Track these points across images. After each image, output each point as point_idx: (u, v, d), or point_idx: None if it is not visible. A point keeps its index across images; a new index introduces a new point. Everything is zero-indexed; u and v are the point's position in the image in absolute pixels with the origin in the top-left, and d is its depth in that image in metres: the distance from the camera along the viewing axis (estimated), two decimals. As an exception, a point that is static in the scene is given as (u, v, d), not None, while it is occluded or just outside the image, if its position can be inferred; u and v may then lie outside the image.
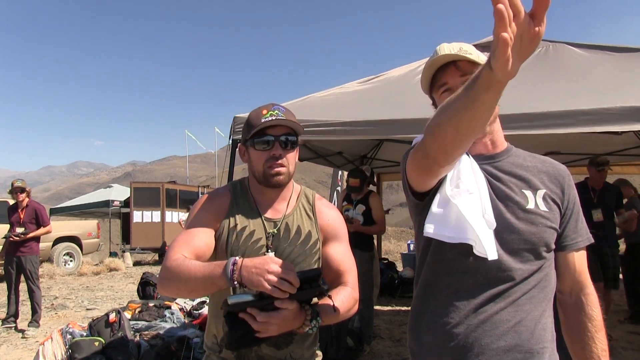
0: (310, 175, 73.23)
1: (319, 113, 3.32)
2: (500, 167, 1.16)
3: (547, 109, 2.71)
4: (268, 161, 1.33)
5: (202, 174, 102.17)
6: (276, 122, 1.32)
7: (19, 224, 5.33)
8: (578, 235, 1.16)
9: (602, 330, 1.14)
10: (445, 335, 1.10)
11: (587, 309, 1.15)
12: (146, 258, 14.40)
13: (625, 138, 4.60)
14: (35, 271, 5.39)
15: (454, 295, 1.10)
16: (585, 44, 3.57)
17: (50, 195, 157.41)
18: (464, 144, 0.91)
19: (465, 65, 1.12)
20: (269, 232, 1.37)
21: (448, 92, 1.14)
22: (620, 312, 5.63)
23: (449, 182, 1.09)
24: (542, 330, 1.08)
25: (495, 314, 1.07)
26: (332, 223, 1.45)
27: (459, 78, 1.13)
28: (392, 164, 7.03)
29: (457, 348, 1.08)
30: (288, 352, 1.34)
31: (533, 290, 1.09)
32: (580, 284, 1.17)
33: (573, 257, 1.16)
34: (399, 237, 18.34)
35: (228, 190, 1.44)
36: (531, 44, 0.72)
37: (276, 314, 1.14)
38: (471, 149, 1.19)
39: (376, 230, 4.54)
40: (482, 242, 1.02)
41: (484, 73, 0.77)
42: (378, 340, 4.65)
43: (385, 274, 6.97)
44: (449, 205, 1.07)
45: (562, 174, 1.18)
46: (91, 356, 3.62)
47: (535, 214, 1.10)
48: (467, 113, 0.83)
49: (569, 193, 1.16)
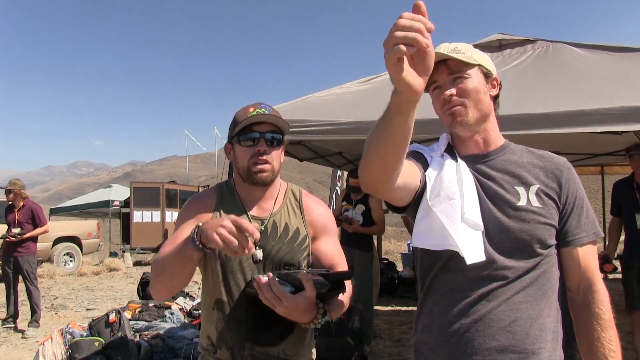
0: (310, 175, 73.24)
1: (319, 113, 3.32)
2: (492, 165, 1.16)
3: (546, 109, 2.70)
4: (252, 157, 1.33)
5: (202, 174, 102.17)
6: (262, 118, 1.33)
7: (15, 224, 5.32)
8: (581, 230, 1.12)
9: (609, 329, 1.09)
10: (441, 335, 1.11)
11: (593, 307, 1.11)
12: (146, 258, 14.40)
13: (625, 138, 4.60)
14: (32, 271, 5.37)
15: (449, 294, 1.12)
16: (585, 44, 3.56)
17: (50, 195, 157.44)
18: (393, 170, 0.96)
19: (454, 64, 1.13)
20: None
21: (438, 89, 1.16)
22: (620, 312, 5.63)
23: (429, 192, 1.12)
24: (539, 330, 1.06)
25: (488, 313, 1.06)
26: (321, 218, 1.45)
27: (448, 77, 1.14)
28: (392, 164, 7.03)
29: (452, 347, 1.09)
30: (281, 349, 1.34)
31: (529, 289, 1.07)
32: (587, 281, 1.12)
33: (577, 253, 1.12)
34: (399, 237, 18.32)
35: (214, 192, 1.45)
36: (424, 61, 0.77)
37: (291, 296, 1.15)
38: (463, 149, 1.21)
39: (376, 231, 4.53)
40: (460, 247, 1.04)
41: (392, 96, 0.83)
42: (378, 340, 4.65)
43: (385, 274, 6.96)
44: (430, 215, 1.10)
45: (560, 167, 1.15)
46: (91, 356, 3.62)
47: (527, 211, 1.09)
48: (387, 138, 0.89)
49: (567, 187, 1.13)
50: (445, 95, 1.14)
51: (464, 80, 1.14)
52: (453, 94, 1.13)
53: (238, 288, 1.34)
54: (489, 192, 1.13)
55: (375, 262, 4.62)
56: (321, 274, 1.22)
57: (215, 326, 1.35)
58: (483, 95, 1.15)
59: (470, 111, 1.14)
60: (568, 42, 3.62)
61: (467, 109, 1.13)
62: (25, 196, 5.51)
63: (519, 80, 3.24)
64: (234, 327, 1.33)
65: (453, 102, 1.13)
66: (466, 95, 1.13)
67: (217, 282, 1.35)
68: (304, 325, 1.25)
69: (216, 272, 1.35)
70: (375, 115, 2.83)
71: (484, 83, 1.16)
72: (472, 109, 1.14)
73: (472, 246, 1.06)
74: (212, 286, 1.38)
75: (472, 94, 1.14)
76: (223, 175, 3.85)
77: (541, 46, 3.62)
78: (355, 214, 4.42)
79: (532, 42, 3.69)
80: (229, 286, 1.34)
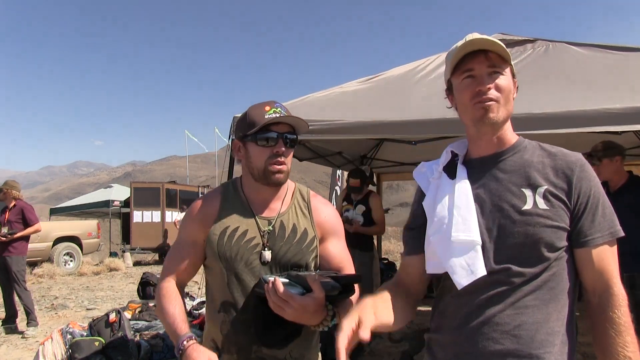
0: (310, 175, 73.22)
1: (318, 113, 3.31)
2: (502, 167, 1.14)
3: (546, 109, 2.70)
4: (270, 158, 1.31)
5: (202, 174, 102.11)
6: (282, 119, 1.30)
7: (4, 223, 5.30)
8: (595, 230, 1.06)
9: (624, 335, 1.01)
10: (449, 335, 1.12)
11: (608, 311, 1.04)
12: (146, 258, 14.39)
13: (625, 138, 4.60)
14: (21, 272, 5.32)
15: (457, 296, 1.11)
16: (585, 44, 3.56)
17: (50, 195, 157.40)
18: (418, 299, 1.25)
19: (495, 57, 1.09)
20: (264, 230, 1.35)
21: (470, 78, 1.11)
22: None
23: (428, 224, 1.17)
24: (545, 335, 1.03)
25: (493, 317, 1.05)
26: (329, 220, 1.43)
27: (486, 68, 1.10)
28: (392, 164, 7.02)
29: (458, 348, 1.09)
30: (287, 352, 1.33)
31: (537, 292, 1.04)
32: (604, 284, 1.06)
33: (590, 255, 1.06)
34: (399, 237, 18.28)
35: (219, 193, 1.42)
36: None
37: (299, 298, 1.13)
38: (475, 150, 1.18)
39: (376, 231, 4.52)
40: (450, 272, 1.08)
41: None
42: (378, 341, 4.65)
43: (385, 274, 6.96)
44: (429, 242, 1.16)
45: (572, 165, 1.09)
46: (91, 356, 3.62)
47: (532, 215, 1.05)
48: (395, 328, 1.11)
49: (579, 186, 1.07)
50: (483, 87, 1.09)
51: (500, 75, 1.10)
52: (491, 87, 1.09)
53: (246, 290, 1.31)
54: (494, 198, 1.10)
55: (375, 262, 4.62)
56: (331, 276, 1.20)
57: (220, 329, 1.34)
58: (511, 95, 1.13)
59: (502, 109, 1.11)
60: (568, 42, 3.62)
61: (499, 106, 1.10)
62: (15, 196, 5.45)
63: (518, 80, 3.24)
64: (242, 330, 1.31)
65: (489, 96, 1.09)
66: (501, 92, 1.10)
67: (224, 284, 1.33)
68: (313, 327, 1.22)
69: (222, 275, 1.33)
70: (375, 115, 2.83)
71: (512, 83, 1.14)
72: (503, 107, 1.11)
73: (465, 267, 1.07)
74: (217, 288, 1.36)
75: (506, 91, 1.11)
76: (223, 175, 3.85)
77: (541, 46, 3.62)
78: (356, 215, 4.41)
79: (532, 41, 3.69)
80: (236, 288, 1.32)
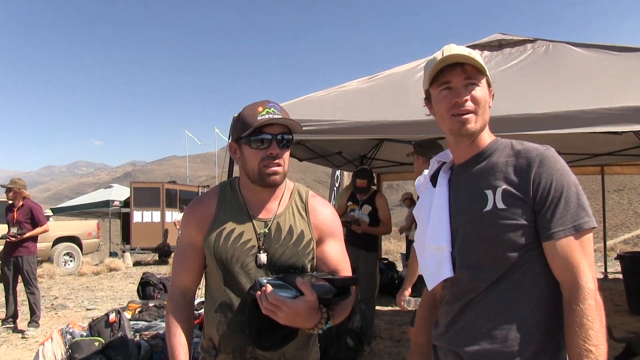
0: (310, 175, 73.25)
1: (318, 113, 3.31)
2: (474, 171, 1.17)
3: (546, 109, 2.70)
4: (264, 160, 1.30)
5: (202, 174, 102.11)
6: (275, 120, 1.28)
7: (14, 223, 5.30)
8: (557, 224, 1.04)
9: (587, 328, 0.99)
10: (440, 342, 1.22)
11: (573, 304, 1.02)
12: (146, 258, 14.40)
13: (625, 138, 4.60)
14: (32, 271, 5.35)
15: (445, 305, 1.21)
16: (585, 44, 3.55)
17: (50, 195, 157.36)
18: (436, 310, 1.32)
19: (471, 69, 1.13)
20: (260, 232, 1.34)
21: (448, 90, 1.14)
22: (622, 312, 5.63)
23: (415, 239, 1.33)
24: (520, 332, 1.06)
25: (470, 322, 1.12)
26: (327, 221, 1.42)
27: (462, 80, 1.13)
28: (392, 164, 7.03)
29: (446, 354, 1.19)
30: (281, 353, 1.33)
31: (508, 293, 1.07)
32: (570, 277, 1.04)
33: (555, 248, 1.05)
34: (399, 237, 18.27)
35: (215, 194, 1.41)
36: None
37: (290, 301, 1.13)
38: (456, 157, 1.24)
39: (383, 231, 4.50)
40: (423, 274, 1.24)
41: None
42: (378, 340, 4.65)
43: (385, 274, 6.96)
44: (416, 249, 1.33)
45: (531, 161, 1.09)
46: (91, 356, 3.62)
47: (492, 216, 1.08)
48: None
49: (538, 181, 1.07)
50: (460, 99, 1.12)
51: (476, 87, 1.13)
52: (468, 99, 1.12)
53: (242, 292, 1.31)
54: (465, 202, 1.15)
55: (377, 263, 4.63)
56: (326, 278, 1.19)
57: (217, 329, 1.34)
58: (487, 105, 1.16)
59: (479, 119, 1.14)
60: (568, 41, 3.62)
61: (477, 117, 1.13)
62: (25, 195, 5.47)
63: (518, 80, 3.24)
64: (237, 331, 1.31)
65: (466, 108, 1.12)
66: (477, 103, 1.13)
67: (220, 285, 1.34)
68: (308, 330, 1.22)
69: (219, 276, 1.34)
70: (375, 115, 2.84)
71: (488, 93, 1.17)
72: (480, 117, 1.14)
73: (435, 270, 1.19)
74: (215, 289, 1.36)
75: (482, 102, 1.13)
76: (223, 175, 3.85)
77: (541, 46, 3.62)
78: (362, 215, 4.38)
79: (532, 41, 3.69)
80: (232, 290, 1.32)
